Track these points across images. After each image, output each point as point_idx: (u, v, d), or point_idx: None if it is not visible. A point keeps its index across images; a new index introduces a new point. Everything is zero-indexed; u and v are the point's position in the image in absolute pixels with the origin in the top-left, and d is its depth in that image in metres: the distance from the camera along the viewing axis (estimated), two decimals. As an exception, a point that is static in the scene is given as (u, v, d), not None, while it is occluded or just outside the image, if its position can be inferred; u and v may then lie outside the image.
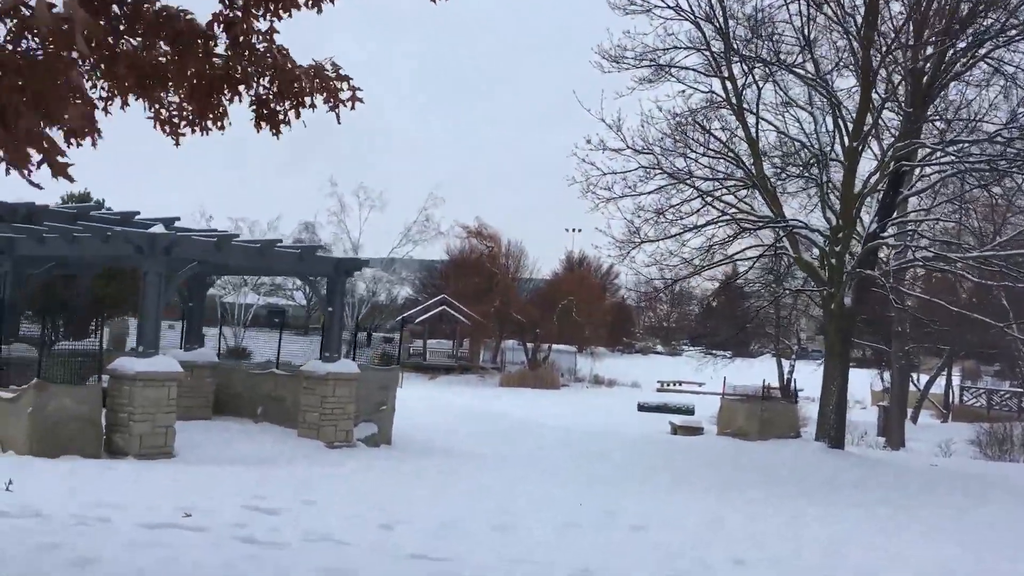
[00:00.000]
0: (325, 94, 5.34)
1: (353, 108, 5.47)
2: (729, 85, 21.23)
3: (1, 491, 9.40)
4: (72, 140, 5.97)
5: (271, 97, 5.36)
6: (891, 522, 12.93)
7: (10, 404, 12.39)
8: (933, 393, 41.05)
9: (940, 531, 12.45)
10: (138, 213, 16.33)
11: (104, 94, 5.80)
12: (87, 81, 5.65)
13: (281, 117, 5.43)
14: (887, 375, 34.75)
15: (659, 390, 55.29)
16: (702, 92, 21.87)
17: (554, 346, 60.45)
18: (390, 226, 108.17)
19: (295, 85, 5.26)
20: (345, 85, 5.42)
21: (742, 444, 22.45)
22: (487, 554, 8.69)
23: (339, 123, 5.44)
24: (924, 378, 40.21)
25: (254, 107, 5.41)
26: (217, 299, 59.27)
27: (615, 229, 22.47)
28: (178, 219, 16.57)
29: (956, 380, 47.38)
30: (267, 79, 5.31)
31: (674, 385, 55.23)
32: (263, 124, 5.44)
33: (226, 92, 5.30)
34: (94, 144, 6.03)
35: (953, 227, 25.44)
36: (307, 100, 5.33)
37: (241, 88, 5.29)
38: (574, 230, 75.55)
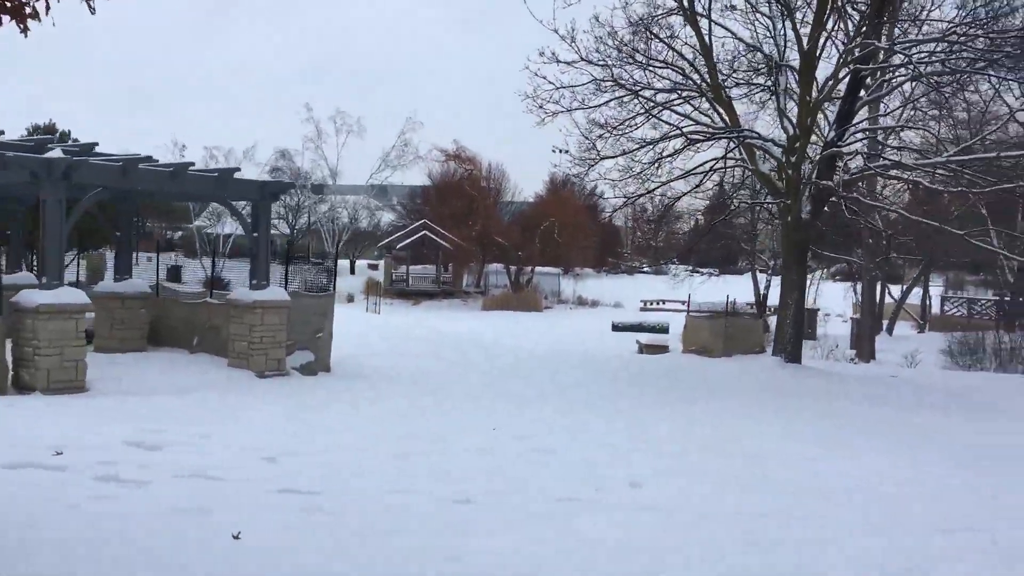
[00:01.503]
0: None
1: (103, -10, 4.80)
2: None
3: None
4: None
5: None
6: (826, 433, 12.64)
7: (-94, 343, 11.94)
8: (912, 304, 40.76)
9: (874, 441, 12.14)
10: (54, 139, 15.63)
11: None
12: None
13: (28, 10, 4.79)
14: (859, 287, 34.38)
15: (642, 309, 55.11)
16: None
17: (538, 268, 60.03)
18: (372, 152, 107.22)
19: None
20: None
21: (701, 360, 22.16)
22: (369, 485, 8.33)
23: (93, 13, 4.80)
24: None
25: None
26: (196, 230, 58.80)
27: (572, 146, 21.83)
28: (96, 144, 15.85)
29: (938, 291, 47.13)
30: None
31: (658, 304, 54.91)
32: (4, 18, 4.80)
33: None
34: None
35: (929, 134, 24.64)
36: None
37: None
38: (561, 151, 74.51)
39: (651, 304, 55.37)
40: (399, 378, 17.08)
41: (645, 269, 75.69)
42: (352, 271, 66.24)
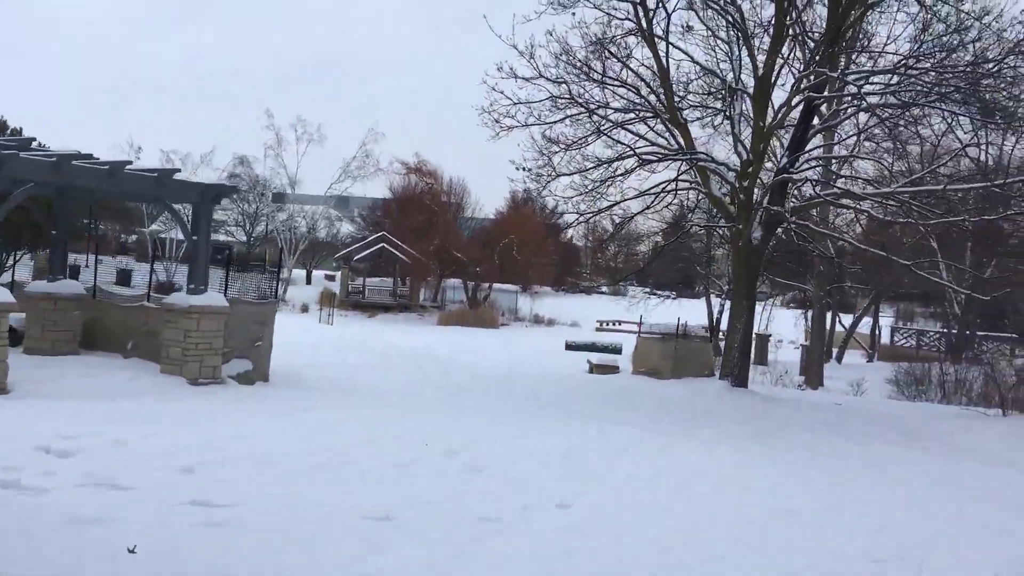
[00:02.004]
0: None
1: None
2: (641, 11, 20.27)
3: None
4: None
5: None
6: (759, 458, 12.57)
7: None
8: (862, 334, 41.21)
9: (802, 466, 12.12)
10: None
11: None
12: None
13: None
14: (810, 315, 34.68)
15: (598, 329, 55.12)
16: (618, 19, 20.93)
17: (496, 285, 59.86)
18: (334, 161, 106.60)
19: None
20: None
21: (649, 382, 22.09)
22: (286, 498, 8.02)
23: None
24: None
25: None
26: (148, 234, 57.86)
27: (529, 161, 21.74)
28: (33, 140, 15.41)
29: (889, 321, 47.78)
30: None
31: (613, 324, 54.95)
32: None
33: None
34: None
35: (882, 165, 24.88)
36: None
37: None
38: (523, 168, 74.38)
39: (607, 324, 55.42)
40: (338, 390, 16.74)
41: (603, 289, 76.03)
42: (308, 281, 65.61)
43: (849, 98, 19.00)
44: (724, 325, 35.40)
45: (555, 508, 8.49)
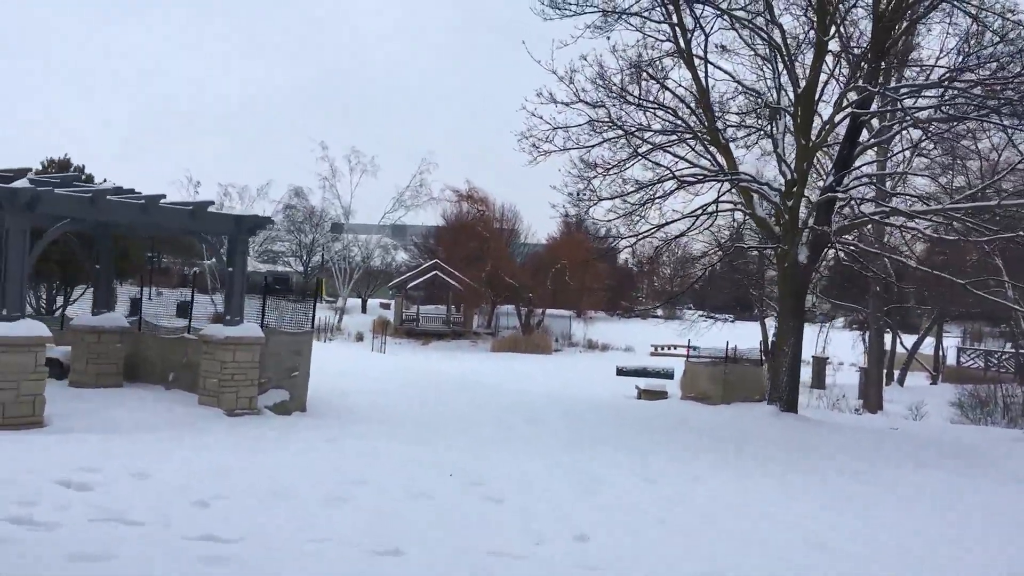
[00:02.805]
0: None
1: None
2: (679, 32, 20.03)
3: None
4: None
5: None
6: (795, 488, 12.10)
7: None
8: (925, 355, 39.89)
9: (838, 497, 11.64)
10: (29, 170, 15.54)
11: None
12: None
13: None
14: (867, 336, 33.66)
15: (653, 354, 54.44)
16: (657, 39, 20.72)
17: (549, 311, 59.63)
18: (386, 190, 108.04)
19: None
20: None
21: (695, 407, 21.59)
22: (296, 532, 7.89)
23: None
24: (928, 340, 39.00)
25: None
26: (207, 267, 59.02)
27: (570, 186, 21.57)
28: (80, 176, 15.77)
29: (955, 342, 46.22)
30: None
31: (668, 349, 54.18)
32: None
33: None
34: None
35: (934, 181, 24.05)
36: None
37: None
38: (564, 193, 74.09)
39: (661, 349, 54.72)
40: (376, 419, 16.63)
41: (658, 313, 75.00)
42: (364, 310, 66.19)
43: (900, 113, 18.40)
44: (773, 348, 34.57)
45: (573, 540, 8.22)
